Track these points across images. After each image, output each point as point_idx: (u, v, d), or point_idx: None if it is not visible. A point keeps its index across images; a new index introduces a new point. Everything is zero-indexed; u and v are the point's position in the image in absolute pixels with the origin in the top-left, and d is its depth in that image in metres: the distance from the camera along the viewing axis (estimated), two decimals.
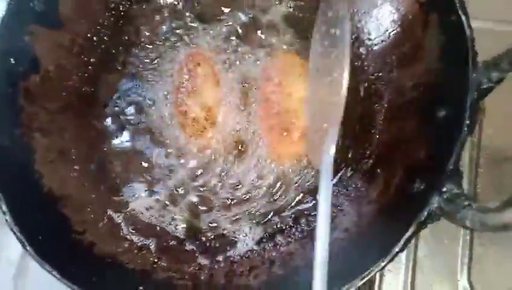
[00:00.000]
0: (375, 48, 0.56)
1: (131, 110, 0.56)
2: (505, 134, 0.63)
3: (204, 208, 0.54)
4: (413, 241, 0.59)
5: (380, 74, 0.55)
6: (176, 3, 0.58)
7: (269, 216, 0.53)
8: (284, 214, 0.53)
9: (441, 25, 0.47)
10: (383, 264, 0.41)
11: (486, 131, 0.63)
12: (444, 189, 0.40)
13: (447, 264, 0.59)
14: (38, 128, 0.52)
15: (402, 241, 0.41)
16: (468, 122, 0.41)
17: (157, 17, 0.58)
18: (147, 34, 0.58)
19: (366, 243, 0.47)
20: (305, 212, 0.53)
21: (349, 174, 0.54)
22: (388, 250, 0.42)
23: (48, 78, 0.53)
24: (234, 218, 0.53)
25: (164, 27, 0.58)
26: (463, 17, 0.44)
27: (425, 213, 0.41)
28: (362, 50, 0.57)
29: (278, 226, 0.53)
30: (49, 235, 0.47)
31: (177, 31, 0.58)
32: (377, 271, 0.41)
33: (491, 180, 0.61)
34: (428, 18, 0.49)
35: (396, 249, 0.42)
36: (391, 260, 0.42)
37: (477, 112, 0.42)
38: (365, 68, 0.56)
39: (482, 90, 0.42)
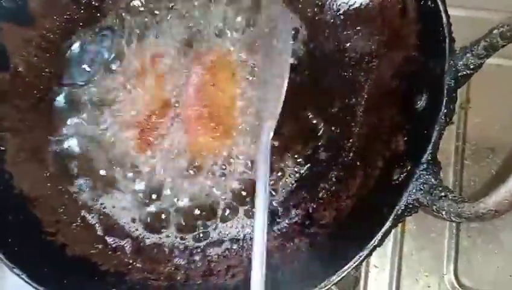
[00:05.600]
0: (355, 37, 0.54)
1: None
2: (490, 124, 0.61)
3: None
4: (398, 236, 0.58)
5: (361, 65, 0.54)
6: None
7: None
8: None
9: (419, 11, 0.46)
10: (360, 259, 0.40)
11: (472, 121, 0.61)
12: (421, 180, 0.39)
13: (433, 258, 0.58)
14: (8, 127, 0.51)
15: (380, 235, 0.40)
16: (445, 111, 0.40)
17: (131, 11, 0.57)
18: (120, 29, 0.56)
19: (344, 238, 0.45)
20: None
21: (329, 168, 0.52)
22: (366, 245, 0.41)
23: (17, 75, 0.52)
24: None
25: (138, 19, 0.56)
26: (439, 3, 0.42)
27: (403, 206, 0.39)
28: (342, 40, 0.55)
29: None
30: (19, 237, 0.46)
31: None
32: (355, 267, 0.40)
33: (477, 171, 0.60)
34: (406, 5, 0.48)
35: (375, 244, 0.40)
36: (369, 255, 0.40)
37: (455, 100, 0.41)
38: (346, 59, 0.55)
39: (459, 78, 0.40)
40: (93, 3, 0.56)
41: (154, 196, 0.52)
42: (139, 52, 0.55)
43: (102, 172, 0.53)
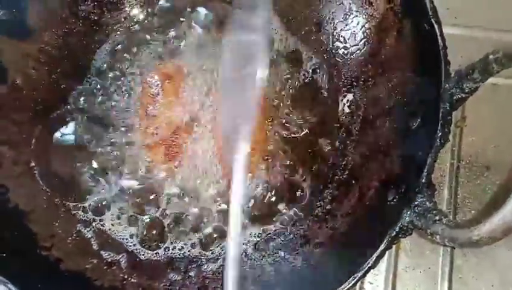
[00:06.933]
0: (352, 56, 0.55)
1: None
2: (486, 142, 0.62)
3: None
4: (393, 253, 0.58)
5: (357, 83, 0.54)
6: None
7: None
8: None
9: (415, 33, 0.46)
10: (354, 280, 0.40)
11: (467, 139, 0.62)
12: (416, 203, 0.39)
13: (428, 275, 0.58)
14: (5, 140, 0.50)
15: (374, 257, 0.40)
16: (440, 134, 0.40)
17: (131, 25, 0.57)
18: (120, 42, 0.56)
19: (339, 259, 0.45)
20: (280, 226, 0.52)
21: (324, 186, 0.52)
22: (360, 265, 0.41)
23: (15, 88, 0.51)
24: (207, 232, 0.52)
25: (139, 35, 0.57)
26: (435, 26, 0.43)
27: (397, 227, 0.40)
28: (338, 59, 0.56)
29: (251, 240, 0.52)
30: (13, 251, 0.46)
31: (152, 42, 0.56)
32: (348, 287, 0.40)
33: (472, 189, 0.60)
34: (402, 26, 0.48)
35: (369, 265, 0.40)
36: (363, 276, 0.41)
37: (450, 123, 0.41)
38: (342, 78, 0.55)
39: (454, 101, 0.41)
40: (91, 16, 0.56)
41: (152, 211, 0.53)
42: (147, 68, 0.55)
43: (101, 183, 0.53)
